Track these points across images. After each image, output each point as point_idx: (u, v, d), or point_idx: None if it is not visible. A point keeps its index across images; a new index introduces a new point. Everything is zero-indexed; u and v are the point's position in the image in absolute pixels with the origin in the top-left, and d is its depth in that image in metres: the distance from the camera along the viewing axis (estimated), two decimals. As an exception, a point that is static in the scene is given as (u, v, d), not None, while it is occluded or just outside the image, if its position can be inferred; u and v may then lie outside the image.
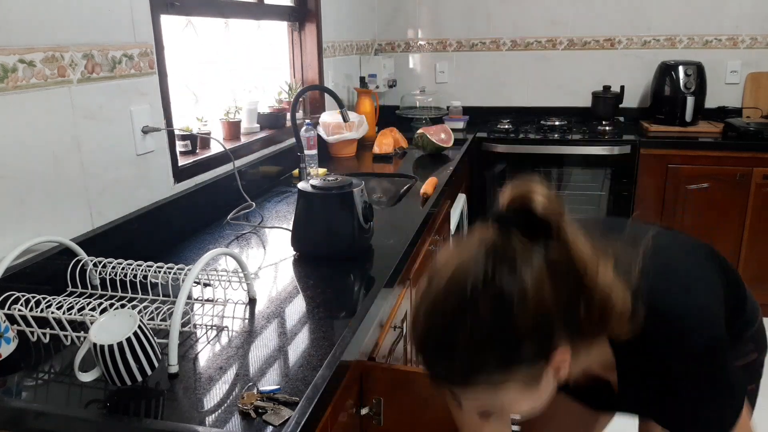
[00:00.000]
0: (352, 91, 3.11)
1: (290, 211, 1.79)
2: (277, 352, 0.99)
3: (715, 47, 3.16)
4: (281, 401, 0.84)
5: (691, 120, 2.97)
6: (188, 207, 1.62)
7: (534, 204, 0.71)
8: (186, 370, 0.94)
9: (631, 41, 3.25)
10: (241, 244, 1.52)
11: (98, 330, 0.86)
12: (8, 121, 1.11)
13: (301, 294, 1.23)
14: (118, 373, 0.85)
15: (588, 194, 3.00)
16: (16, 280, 1.08)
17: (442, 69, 3.52)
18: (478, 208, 3.09)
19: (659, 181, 2.84)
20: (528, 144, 2.98)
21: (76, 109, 1.27)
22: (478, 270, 0.69)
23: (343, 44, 2.98)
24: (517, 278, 0.68)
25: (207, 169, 1.77)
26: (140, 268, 1.16)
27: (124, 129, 1.42)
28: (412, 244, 1.51)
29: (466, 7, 3.40)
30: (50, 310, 1.00)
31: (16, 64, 1.12)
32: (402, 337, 1.45)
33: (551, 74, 3.38)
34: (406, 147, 2.68)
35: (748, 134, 2.75)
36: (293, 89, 2.47)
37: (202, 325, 1.09)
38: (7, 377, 0.92)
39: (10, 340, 0.95)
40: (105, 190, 1.36)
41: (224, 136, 2.05)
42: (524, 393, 0.74)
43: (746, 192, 2.74)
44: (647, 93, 3.26)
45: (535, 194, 0.71)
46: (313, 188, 1.39)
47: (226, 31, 2.10)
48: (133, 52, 1.43)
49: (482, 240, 0.73)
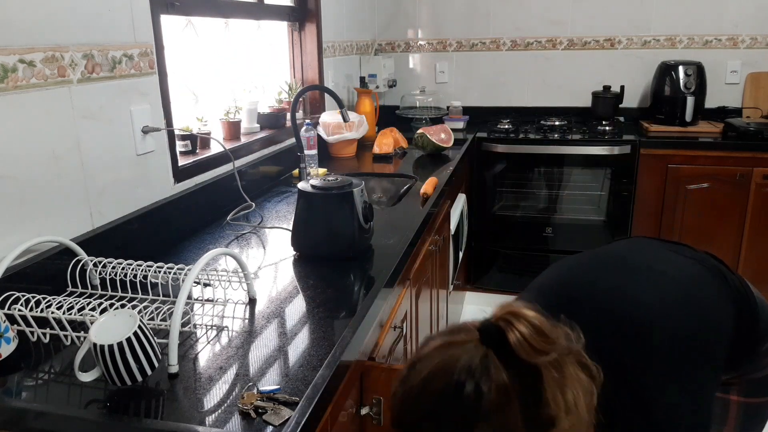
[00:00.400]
0: (352, 91, 3.11)
1: (290, 211, 1.79)
2: (277, 352, 0.99)
3: (715, 47, 3.16)
4: (281, 401, 0.84)
5: (691, 120, 2.97)
6: (188, 207, 1.62)
7: (509, 337, 0.70)
8: (186, 370, 0.94)
9: (631, 41, 3.25)
10: (241, 244, 1.53)
11: (98, 330, 0.86)
12: (8, 121, 1.11)
13: (301, 294, 1.23)
14: (118, 373, 0.85)
15: (588, 194, 3.00)
16: (16, 280, 1.08)
17: (442, 69, 3.53)
18: (478, 208, 3.09)
19: (659, 181, 2.84)
20: (528, 144, 2.98)
21: (76, 109, 1.27)
22: (452, 382, 0.71)
23: (343, 44, 2.98)
24: (484, 401, 0.69)
25: (207, 169, 1.77)
26: (140, 268, 1.16)
27: (124, 129, 1.42)
28: (412, 244, 1.51)
29: (466, 7, 3.40)
30: (50, 310, 1.00)
31: (16, 64, 1.12)
32: (402, 337, 1.45)
33: (551, 74, 3.38)
34: (406, 147, 2.68)
35: (748, 134, 2.75)
36: (293, 89, 2.47)
37: (202, 325, 1.09)
38: (7, 377, 0.92)
39: (10, 340, 0.95)
40: (105, 190, 1.36)
41: (224, 136, 2.05)
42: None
43: (746, 192, 2.74)
44: (647, 93, 3.26)
45: (516, 328, 0.70)
46: (313, 188, 1.39)
47: (226, 31, 2.10)
48: (133, 52, 1.43)
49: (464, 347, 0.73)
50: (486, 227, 3.12)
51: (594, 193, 2.99)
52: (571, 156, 2.93)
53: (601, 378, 0.77)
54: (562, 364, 0.72)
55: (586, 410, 0.74)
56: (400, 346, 1.43)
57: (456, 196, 2.52)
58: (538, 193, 3.05)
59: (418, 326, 1.68)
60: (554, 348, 0.71)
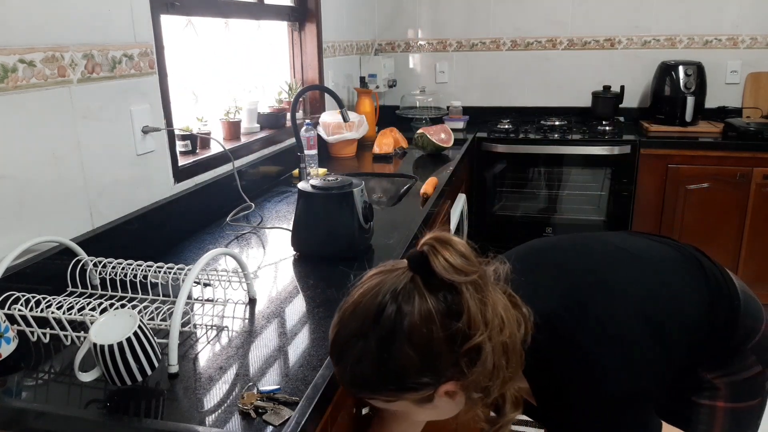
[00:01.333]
0: (352, 91, 3.11)
1: (290, 211, 1.79)
2: (277, 352, 0.99)
3: (715, 47, 3.16)
4: (281, 401, 0.84)
5: (691, 120, 2.97)
6: (188, 207, 1.62)
7: (433, 263, 0.75)
8: (186, 370, 0.94)
9: (631, 41, 3.25)
10: (241, 244, 1.53)
11: (98, 330, 0.86)
12: (8, 121, 1.11)
13: (301, 294, 1.23)
14: (118, 373, 0.85)
15: (588, 194, 3.00)
16: (16, 280, 1.08)
17: (442, 69, 3.52)
18: (478, 208, 3.09)
19: (659, 181, 2.84)
20: (528, 144, 2.98)
21: (76, 109, 1.27)
22: (376, 303, 0.76)
23: (343, 44, 2.98)
24: (405, 322, 0.74)
25: (207, 169, 1.77)
26: (140, 268, 1.16)
27: (124, 129, 1.42)
28: (412, 244, 1.51)
29: (466, 7, 3.40)
30: (50, 310, 1.00)
31: (16, 64, 1.12)
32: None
33: (551, 74, 3.38)
34: (406, 147, 2.68)
35: (748, 134, 2.75)
36: (293, 89, 2.47)
37: (202, 325, 1.09)
38: (7, 377, 0.92)
39: (10, 340, 0.95)
40: (105, 190, 1.36)
41: (224, 136, 2.05)
42: (419, 408, 0.81)
43: (746, 192, 2.74)
44: (647, 93, 3.26)
45: (440, 253, 0.75)
46: (313, 188, 1.39)
47: (226, 31, 2.10)
48: (133, 52, 1.43)
49: (393, 274, 0.78)
50: (486, 227, 3.12)
51: (594, 193, 2.99)
52: (571, 156, 2.93)
53: (531, 319, 0.81)
54: (484, 288, 0.76)
55: (511, 341, 0.77)
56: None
57: (456, 196, 2.52)
58: (538, 193, 3.06)
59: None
60: (475, 270, 0.76)
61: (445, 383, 0.77)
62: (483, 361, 0.75)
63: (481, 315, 0.75)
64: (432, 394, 0.78)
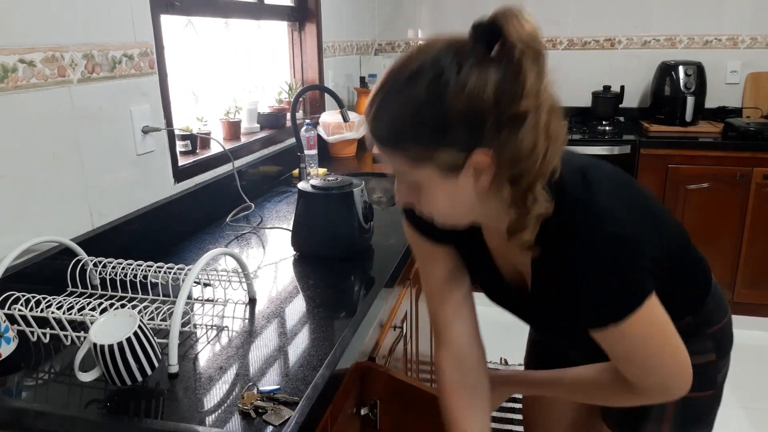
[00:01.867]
0: (352, 91, 3.11)
1: (290, 211, 1.79)
2: (277, 352, 0.99)
3: (715, 47, 3.16)
4: (281, 401, 0.84)
5: (691, 120, 2.96)
6: (188, 207, 1.62)
7: (507, 28, 0.73)
8: (186, 370, 0.94)
9: (631, 41, 3.25)
10: (241, 244, 1.53)
11: (98, 330, 0.86)
12: (8, 121, 1.11)
13: (301, 294, 1.23)
14: (118, 373, 0.85)
15: (588, 194, 3.00)
16: (16, 280, 1.08)
17: (442, 69, 3.52)
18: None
19: (659, 181, 2.83)
20: (528, 144, 2.97)
21: (76, 109, 1.27)
22: (432, 55, 0.74)
23: (343, 44, 2.98)
24: (461, 74, 0.72)
25: (207, 169, 1.77)
26: (140, 268, 1.16)
27: (124, 129, 1.42)
28: (412, 244, 1.51)
29: (466, 7, 3.40)
30: (50, 310, 1.00)
31: (16, 64, 1.12)
32: (402, 337, 1.45)
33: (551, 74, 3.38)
34: (406, 147, 2.67)
35: (748, 134, 2.75)
36: (293, 89, 2.47)
37: (202, 325, 1.09)
38: (7, 377, 0.92)
39: (10, 340, 0.95)
40: (105, 190, 1.36)
41: (224, 136, 2.05)
42: (440, 182, 0.78)
43: (746, 192, 2.74)
44: (647, 93, 3.26)
45: (517, 19, 0.73)
46: (313, 188, 1.39)
47: (226, 31, 2.10)
48: (133, 52, 1.43)
49: (455, 38, 0.77)
50: (486, 227, 3.12)
51: (594, 193, 2.99)
52: (571, 156, 2.93)
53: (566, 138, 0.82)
54: (543, 64, 0.75)
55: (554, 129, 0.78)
56: (400, 346, 1.44)
57: (456, 196, 2.51)
58: (538, 193, 3.05)
59: (419, 326, 1.68)
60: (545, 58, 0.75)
61: (480, 150, 0.74)
62: (525, 132, 0.73)
63: (535, 87, 0.73)
64: (462, 162, 0.75)
